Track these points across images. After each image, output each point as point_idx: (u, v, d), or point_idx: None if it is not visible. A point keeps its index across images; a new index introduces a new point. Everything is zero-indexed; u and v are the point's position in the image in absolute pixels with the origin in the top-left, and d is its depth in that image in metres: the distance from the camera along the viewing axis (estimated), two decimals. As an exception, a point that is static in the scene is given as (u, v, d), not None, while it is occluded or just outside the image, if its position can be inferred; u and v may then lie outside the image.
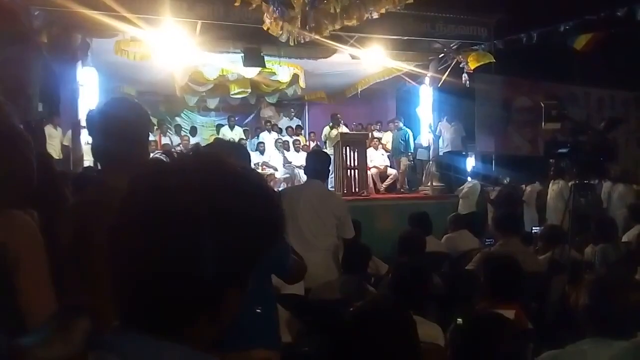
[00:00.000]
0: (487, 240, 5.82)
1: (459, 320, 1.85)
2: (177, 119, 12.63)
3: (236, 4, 6.48)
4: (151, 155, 1.78)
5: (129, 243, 0.66)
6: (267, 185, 0.77)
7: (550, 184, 8.62)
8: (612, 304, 1.70)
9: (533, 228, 7.05)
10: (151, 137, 10.26)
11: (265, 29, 6.81)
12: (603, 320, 1.72)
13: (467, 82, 9.25)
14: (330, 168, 4.31)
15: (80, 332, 0.83)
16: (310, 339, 2.52)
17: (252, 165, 10.21)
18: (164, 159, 0.72)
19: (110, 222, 0.68)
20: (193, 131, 11.82)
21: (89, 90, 8.32)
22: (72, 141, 8.18)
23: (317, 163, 3.96)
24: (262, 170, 10.29)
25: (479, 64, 9.03)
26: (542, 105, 3.56)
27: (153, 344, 0.65)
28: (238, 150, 1.86)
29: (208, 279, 0.66)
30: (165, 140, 11.01)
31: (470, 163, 11.37)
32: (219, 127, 11.81)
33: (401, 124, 10.57)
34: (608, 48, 9.90)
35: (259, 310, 1.66)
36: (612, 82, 12.16)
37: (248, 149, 10.87)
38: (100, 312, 0.85)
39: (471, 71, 9.16)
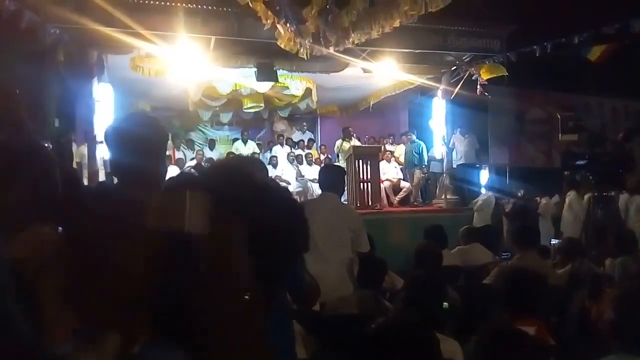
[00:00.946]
0: (503, 253, 5.75)
1: (479, 335, 1.82)
2: (191, 133, 12.74)
3: (264, 20, 6.43)
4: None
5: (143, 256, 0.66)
6: (294, 198, 0.77)
7: (565, 197, 8.53)
8: (636, 320, 1.66)
9: (551, 241, 6.95)
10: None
11: (282, 46, 6.86)
12: (628, 336, 1.68)
13: (482, 92, 9.20)
14: (345, 181, 4.30)
15: (111, 347, 0.83)
16: (326, 355, 2.50)
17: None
18: (194, 173, 0.73)
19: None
20: (211, 145, 11.92)
21: (104, 106, 8.42)
22: (87, 157, 8.26)
23: (331, 176, 3.95)
24: (275, 184, 10.31)
25: (491, 76, 8.99)
26: (559, 116, 3.54)
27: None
28: (257, 167, 1.86)
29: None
30: (179, 155, 11.10)
31: (484, 175, 11.29)
32: (234, 141, 11.91)
33: (414, 137, 10.56)
34: (622, 58, 9.83)
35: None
36: (625, 92, 12.06)
37: (261, 162, 10.99)
38: (127, 328, 0.84)
39: (485, 82, 9.13)
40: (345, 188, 9.51)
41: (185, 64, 8.05)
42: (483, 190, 10.19)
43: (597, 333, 2.63)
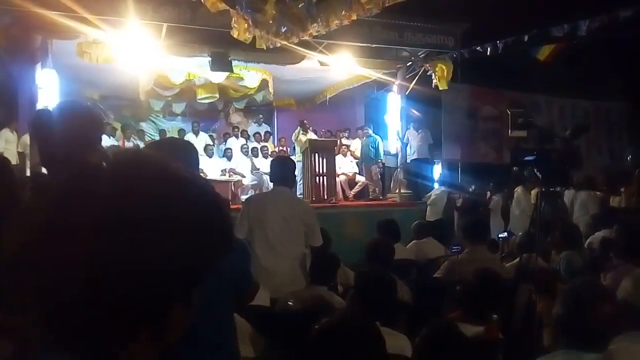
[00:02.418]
0: (454, 247, 5.84)
1: (423, 332, 1.81)
2: (143, 124, 12.34)
3: (208, 7, 6.29)
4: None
5: (52, 256, 0.58)
6: (214, 191, 0.69)
7: (513, 192, 8.76)
8: (583, 316, 1.67)
9: (499, 235, 7.12)
10: (114, 142, 10.02)
11: (234, 36, 6.71)
12: (575, 332, 1.69)
13: (437, 86, 9.33)
14: (296, 174, 4.24)
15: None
16: (275, 354, 2.43)
17: (219, 172, 10.11)
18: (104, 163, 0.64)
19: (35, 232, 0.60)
20: (163, 136, 11.54)
21: (48, 94, 8.02)
22: (30, 147, 7.87)
23: (282, 169, 3.88)
24: (229, 176, 10.14)
25: (447, 80, 9.16)
26: (509, 113, 3.58)
27: None
28: (185, 150, 1.74)
29: (144, 295, 0.59)
30: (129, 145, 10.73)
31: (437, 170, 11.48)
32: (181, 132, 11.29)
33: (371, 131, 10.60)
34: (569, 58, 10.18)
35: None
36: (573, 91, 12.51)
37: (216, 155, 10.78)
38: (23, 333, 0.75)
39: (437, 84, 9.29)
40: (298, 181, 9.54)
41: (135, 52, 7.76)
42: (436, 185, 10.36)
43: (544, 327, 2.68)
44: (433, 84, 9.30)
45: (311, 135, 10.73)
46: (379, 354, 1.29)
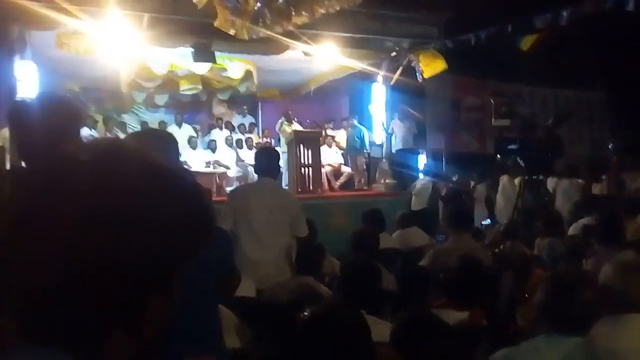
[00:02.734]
0: (439, 236, 5.89)
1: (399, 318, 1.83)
2: (125, 116, 12.18)
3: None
4: None
5: (28, 249, 0.56)
6: (193, 181, 0.68)
7: (497, 182, 8.86)
8: (566, 301, 1.69)
9: (482, 222, 7.20)
10: (95, 134, 9.88)
11: (216, 25, 6.63)
12: (557, 317, 1.71)
13: (421, 78, 9.34)
14: (280, 165, 4.23)
15: None
16: (261, 345, 2.43)
17: (204, 164, 10.04)
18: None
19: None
20: (144, 127, 11.39)
21: (27, 86, 7.86)
22: (10, 140, 7.72)
23: (266, 160, 3.87)
24: (214, 168, 10.08)
25: (433, 73, 9.14)
26: (492, 102, 3.60)
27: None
28: (164, 141, 1.72)
29: (119, 287, 0.58)
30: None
31: (422, 160, 11.55)
32: (162, 124, 11.01)
33: (356, 122, 10.59)
34: (552, 48, 10.25)
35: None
36: (555, 81, 12.63)
37: (200, 147, 10.70)
38: None
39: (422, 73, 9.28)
40: (282, 171, 9.52)
41: (116, 43, 7.63)
42: (421, 175, 10.42)
43: (526, 313, 2.71)
44: (418, 76, 9.30)
45: (296, 126, 10.70)
46: (364, 342, 1.30)
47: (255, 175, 4.46)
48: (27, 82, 7.84)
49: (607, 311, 1.88)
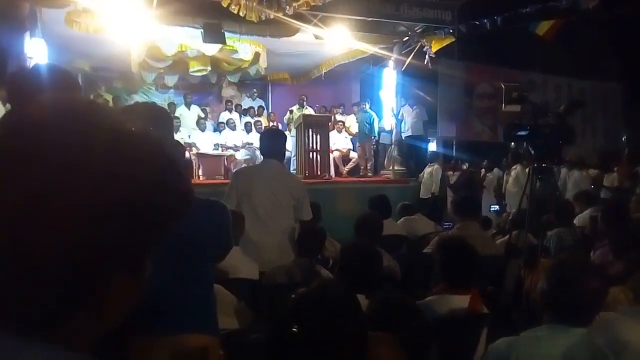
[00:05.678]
0: (445, 223, 5.83)
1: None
2: (134, 96, 12.15)
3: None
4: None
5: None
6: (171, 150, 0.62)
7: (510, 170, 8.76)
8: (569, 291, 1.65)
9: (491, 207, 7.12)
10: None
11: (224, 5, 6.56)
12: (560, 307, 1.67)
13: (429, 63, 9.22)
14: (286, 147, 4.18)
15: None
16: (260, 326, 2.41)
17: (212, 146, 10.00)
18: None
19: None
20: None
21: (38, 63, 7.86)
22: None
23: (271, 142, 3.81)
24: (222, 151, 10.06)
25: (440, 46, 9.00)
26: (503, 87, 3.51)
27: (14, 344, 0.51)
28: (156, 115, 1.67)
29: (83, 265, 0.53)
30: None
31: (432, 147, 11.44)
32: (171, 105, 10.92)
33: (367, 107, 10.46)
34: (569, 36, 10.04)
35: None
36: (570, 70, 12.40)
37: (208, 129, 10.66)
38: None
39: (433, 55, 9.14)
40: (293, 156, 9.47)
41: (126, 21, 7.58)
42: (430, 162, 10.32)
43: (529, 303, 2.67)
44: (425, 61, 9.16)
45: (308, 110, 10.63)
46: (356, 323, 1.26)
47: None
48: (38, 59, 7.83)
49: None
